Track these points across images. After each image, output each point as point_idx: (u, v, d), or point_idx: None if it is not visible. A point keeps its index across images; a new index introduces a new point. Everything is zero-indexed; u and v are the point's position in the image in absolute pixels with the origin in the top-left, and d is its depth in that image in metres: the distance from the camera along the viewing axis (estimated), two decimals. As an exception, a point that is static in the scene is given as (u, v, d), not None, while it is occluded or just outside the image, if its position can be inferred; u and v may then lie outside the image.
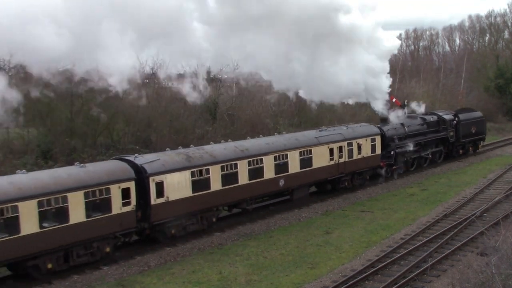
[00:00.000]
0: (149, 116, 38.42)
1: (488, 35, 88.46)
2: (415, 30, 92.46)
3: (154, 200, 22.68)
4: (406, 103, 47.76)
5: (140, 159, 23.29)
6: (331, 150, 31.38)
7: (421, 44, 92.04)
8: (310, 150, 30.02)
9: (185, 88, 33.99)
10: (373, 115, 51.59)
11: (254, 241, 24.36)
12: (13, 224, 18.51)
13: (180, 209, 23.61)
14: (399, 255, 21.19)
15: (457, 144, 43.02)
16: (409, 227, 25.74)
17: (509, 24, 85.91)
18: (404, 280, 18.66)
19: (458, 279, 16.63)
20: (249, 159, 26.65)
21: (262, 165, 27.32)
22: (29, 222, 18.84)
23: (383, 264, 20.26)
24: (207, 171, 24.77)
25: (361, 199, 31.83)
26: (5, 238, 18.35)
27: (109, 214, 21.24)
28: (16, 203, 18.56)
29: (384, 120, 37.61)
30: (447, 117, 42.14)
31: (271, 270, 20.60)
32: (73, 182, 20.33)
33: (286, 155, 28.62)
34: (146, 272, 21.00)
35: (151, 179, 22.57)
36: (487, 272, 15.61)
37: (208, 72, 48.94)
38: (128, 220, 21.91)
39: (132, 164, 22.74)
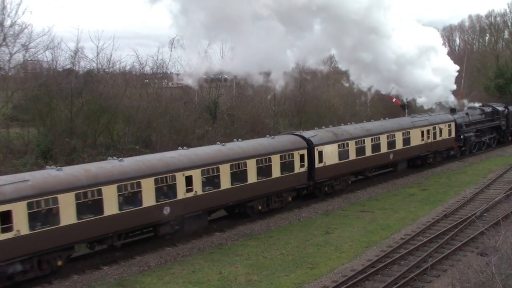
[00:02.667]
0: (149, 116, 38.43)
1: (488, 35, 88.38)
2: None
3: (317, 164, 30.13)
4: (406, 103, 47.95)
5: (306, 134, 30.88)
6: (422, 132, 39.10)
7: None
8: (409, 132, 37.71)
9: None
10: (373, 114, 51.71)
11: (254, 241, 24.35)
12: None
13: (331, 172, 31.25)
14: (399, 255, 21.18)
15: (507, 131, 50.71)
16: (409, 227, 25.74)
17: (509, 24, 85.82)
18: (404, 280, 18.65)
19: (458, 279, 16.62)
20: (372, 137, 34.26)
21: (379, 142, 34.91)
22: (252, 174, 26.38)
23: (383, 264, 20.25)
24: (347, 144, 32.34)
25: (361, 199, 31.83)
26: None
27: (292, 173, 28.76)
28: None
29: (453, 110, 45.65)
30: (500, 108, 49.45)
31: (271, 270, 20.60)
32: (273, 148, 27.99)
33: (394, 134, 36.25)
34: (146, 272, 21.00)
35: (315, 148, 30.05)
36: (487, 272, 15.60)
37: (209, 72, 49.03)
38: (302, 178, 29.56)
39: (302, 137, 30.18)
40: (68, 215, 19.75)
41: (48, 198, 19.23)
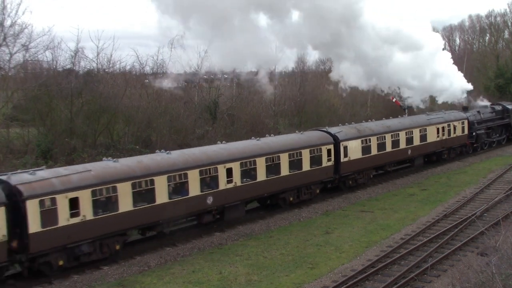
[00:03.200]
0: (149, 116, 38.41)
1: (488, 35, 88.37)
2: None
3: (342, 158, 31.84)
4: (406, 103, 47.99)
5: (332, 130, 32.55)
6: (438, 129, 40.86)
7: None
8: (425, 129, 39.53)
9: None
10: (373, 114, 51.68)
11: (254, 241, 24.35)
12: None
13: (355, 166, 33.04)
14: (399, 255, 21.18)
15: None
16: (409, 227, 25.74)
17: (509, 24, 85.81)
18: (404, 280, 18.64)
19: (458, 279, 16.61)
20: (392, 133, 36.21)
21: (398, 138, 36.65)
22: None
23: (383, 264, 20.25)
24: (370, 140, 34.21)
25: (361, 199, 31.83)
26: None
27: (320, 166, 30.53)
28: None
29: (465, 108, 47.42)
30: (510, 107, 50.95)
31: (271, 270, 20.59)
32: (304, 143, 29.84)
33: (412, 131, 38.06)
34: (146, 272, 21.00)
35: (341, 143, 31.79)
36: (487, 272, 15.59)
37: (208, 72, 49.03)
38: (329, 171, 31.34)
39: (329, 133, 31.95)
40: (125, 202, 21.59)
41: (109, 186, 21.07)
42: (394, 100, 49.08)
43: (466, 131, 44.58)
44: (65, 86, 35.85)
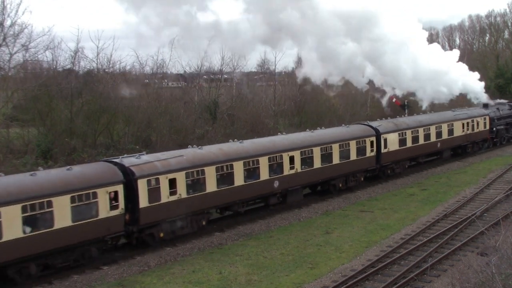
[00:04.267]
0: (149, 116, 38.41)
1: (488, 35, 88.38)
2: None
3: (383, 149, 34.91)
4: (406, 103, 48.07)
5: (373, 124, 35.79)
6: (463, 124, 43.75)
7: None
8: (452, 124, 42.54)
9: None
10: (373, 114, 51.72)
11: (254, 241, 24.35)
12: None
13: (394, 157, 36.28)
14: (399, 255, 21.17)
15: None
16: (409, 227, 25.73)
17: (509, 24, 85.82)
18: (404, 280, 18.64)
19: (458, 279, 16.60)
20: (424, 127, 39.27)
21: (429, 132, 39.86)
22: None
23: (383, 264, 20.24)
24: (405, 133, 37.14)
25: (361, 199, 31.82)
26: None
27: (365, 156, 33.69)
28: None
29: (486, 105, 49.87)
30: None
31: (271, 270, 20.59)
32: (350, 135, 33.03)
33: (441, 126, 40.98)
34: (146, 272, 20.99)
35: (382, 136, 34.92)
36: (487, 272, 15.58)
37: (209, 72, 49.06)
38: (372, 161, 34.48)
39: (371, 127, 35.04)
40: (211, 184, 24.76)
41: (199, 169, 24.32)
42: (394, 100, 49.12)
43: (487, 127, 47.40)
44: (65, 86, 35.87)
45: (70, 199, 19.83)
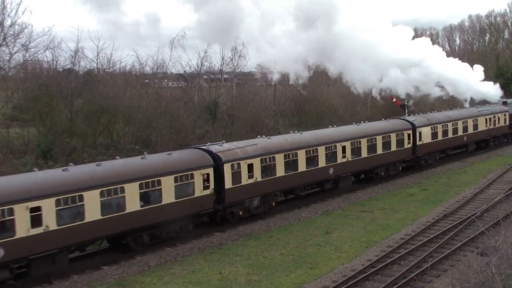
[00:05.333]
0: (149, 116, 38.39)
1: (488, 35, 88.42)
2: (415, 30, 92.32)
3: (418, 141, 38.59)
4: (406, 103, 48.08)
5: (409, 118, 39.58)
6: (486, 120, 47.15)
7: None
8: (477, 119, 45.92)
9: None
10: (373, 114, 51.71)
11: (254, 241, 24.35)
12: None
13: (427, 149, 39.76)
14: (399, 255, 21.18)
15: None
16: (409, 227, 25.73)
17: (509, 24, 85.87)
18: (404, 280, 18.64)
19: (458, 279, 16.60)
20: (452, 122, 42.75)
21: (457, 126, 43.24)
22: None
23: (383, 264, 20.24)
24: (437, 127, 40.66)
25: (361, 199, 31.83)
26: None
27: (403, 148, 37.36)
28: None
29: (505, 103, 53.20)
30: None
31: (271, 270, 20.59)
32: (391, 129, 36.83)
33: (467, 121, 44.58)
34: (146, 272, 20.99)
35: (417, 129, 38.66)
36: (487, 272, 15.58)
37: (209, 72, 49.04)
38: (409, 152, 38.00)
39: (407, 121, 38.88)
40: (280, 169, 28.23)
41: (270, 156, 27.68)
42: (394, 100, 49.13)
43: (507, 122, 50.86)
44: (65, 86, 35.84)
45: (174, 179, 23.28)
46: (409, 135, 37.92)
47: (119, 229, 21.55)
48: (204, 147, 26.18)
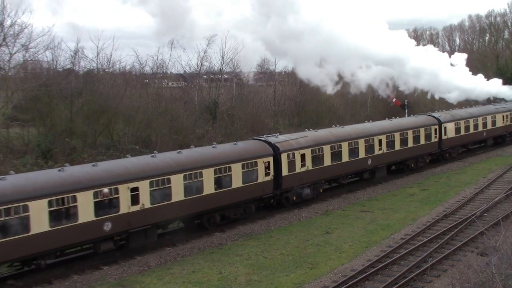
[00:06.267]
0: (149, 116, 38.40)
1: (488, 35, 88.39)
2: (415, 30, 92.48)
3: (443, 137, 41.53)
4: (406, 103, 48.14)
5: (435, 114, 42.57)
6: (503, 117, 49.88)
7: (421, 44, 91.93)
8: (495, 116, 48.72)
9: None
10: (373, 114, 51.73)
11: (254, 241, 24.34)
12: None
13: (451, 143, 42.92)
14: (399, 255, 21.16)
15: None
16: (409, 227, 25.72)
17: (509, 24, 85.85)
18: (404, 280, 18.63)
19: (458, 279, 16.59)
20: (473, 118, 45.49)
21: (477, 123, 46.11)
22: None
23: (383, 264, 20.23)
24: (460, 123, 43.68)
25: (361, 199, 31.82)
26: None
27: (430, 142, 40.34)
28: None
29: None
30: None
31: (271, 270, 20.59)
32: (420, 124, 39.67)
33: (486, 117, 47.37)
34: (146, 272, 20.99)
35: (443, 125, 41.38)
36: (487, 272, 15.59)
37: (209, 72, 49.03)
38: (435, 146, 41.18)
39: (434, 117, 41.73)
40: (327, 159, 31.15)
41: (319, 147, 30.56)
42: (394, 100, 49.16)
43: None
44: (65, 86, 35.86)
45: (241, 166, 26.05)
46: (435, 130, 40.73)
47: (198, 209, 24.45)
48: (263, 139, 29.04)
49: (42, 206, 18.77)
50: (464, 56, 51.78)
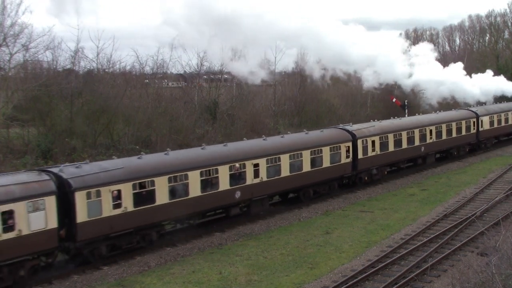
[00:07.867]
0: (149, 116, 38.39)
1: (488, 35, 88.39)
2: (415, 30, 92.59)
3: (480, 128, 45.98)
4: (406, 103, 48.16)
5: (473, 108, 47.20)
6: None
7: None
8: (508, 113, 51.60)
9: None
10: (373, 114, 51.72)
11: (254, 241, 24.34)
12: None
13: (487, 134, 47.26)
14: (399, 255, 21.16)
15: None
16: (409, 227, 25.72)
17: (509, 24, 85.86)
18: (404, 280, 18.62)
19: (458, 279, 16.59)
20: (503, 113, 49.87)
21: (508, 117, 50.10)
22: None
23: (383, 264, 20.23)
24: (493, 117, 47.95)
25: (361, 199, 31.82)
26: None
27: (470, 133, 44.44)
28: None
29: None
30: None
31: (271, 270, 20.59)
32: (457, 117, 43.82)
33: (500, 115, 49.97)
34: (146, 272, 20.99)
35: (479, 118, 45.88)
36: (487, 272, 15.58)
37: (209, 72, 49.02)
38: (472, 137, 45.50)
39: (471, 110, 46.22)
40: (391, 146, 35.66)
41: (385, 135, 35.27)
42: (394, 100, 49.18)
43: None
44: (65, 86, 35.85)
45: (329, 149, 30.99)
46: (474, 122, 45.01)
47: (298, 184, 29.34)
48: (341, 127, 34.07)
49: (197, 176, 24.16)
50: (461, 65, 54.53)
